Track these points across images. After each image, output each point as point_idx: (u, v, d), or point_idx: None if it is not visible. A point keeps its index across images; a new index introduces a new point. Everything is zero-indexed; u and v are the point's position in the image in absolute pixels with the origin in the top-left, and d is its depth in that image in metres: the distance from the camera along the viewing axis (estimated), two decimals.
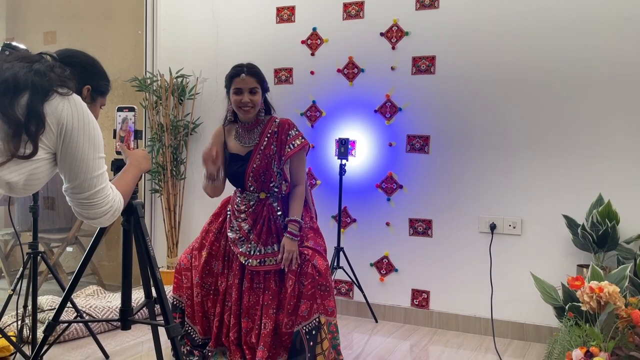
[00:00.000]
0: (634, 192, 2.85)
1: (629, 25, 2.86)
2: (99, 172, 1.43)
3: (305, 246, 2.45)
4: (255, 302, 2.43)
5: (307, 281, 2.37)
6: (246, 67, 2.42)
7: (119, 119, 1.87)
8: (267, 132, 2.47)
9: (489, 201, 3.16)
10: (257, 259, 2.42)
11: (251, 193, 2.49)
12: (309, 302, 2.36)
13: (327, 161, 3.54)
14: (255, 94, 2.42)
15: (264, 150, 2.45)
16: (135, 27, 4.17)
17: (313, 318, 2.36)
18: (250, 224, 2.46)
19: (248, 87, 2.39)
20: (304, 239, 2.48)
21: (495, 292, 3.11)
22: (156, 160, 3.88)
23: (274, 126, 2.48)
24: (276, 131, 2.47)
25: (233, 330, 2.44)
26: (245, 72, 2.39)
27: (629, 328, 1.99)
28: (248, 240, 2.45)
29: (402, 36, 3.34)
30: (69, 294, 1.97)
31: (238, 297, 2.45)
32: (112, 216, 1.50)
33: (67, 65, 1.48)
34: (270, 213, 2.47)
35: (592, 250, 2.78)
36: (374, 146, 3.43)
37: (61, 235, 3.96)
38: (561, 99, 3.00)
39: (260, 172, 2.44)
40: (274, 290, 2.41)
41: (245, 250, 2.44)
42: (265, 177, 2.45)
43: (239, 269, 2.47)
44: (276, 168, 2.45)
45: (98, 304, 3.13)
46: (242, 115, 2.46)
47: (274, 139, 2.46)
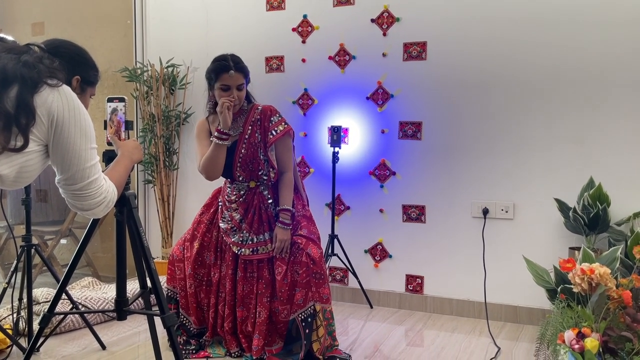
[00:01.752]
0: (624, 174, 2.88)
1: (617, 8, 2.86)
2: (91, 162, 1.43)
3: (299, 235, 2.46)
4: (250, 291, 2.44)
5: (301, 270, 2.38)
6: (232, 61, 2.34)
7: (109, 110, 1.86)
8: (250, 120, 2.45)
9: (481, 186, 3.17)
10: (249, 248, 2.42)
11: (241, 183, 2.48)
12: (304, 290, 2.38)
13: (320, 149, 3.54)
14: (241, 90, 2.39)
15: (249, 139, 2.44)
16: (124, 17, 4.13)
17: (308, 306, 2.38)
18: (241, 213, 2.46)
19: (236, 84, 2.34)
20: (297, 227, 2.49)
21: (489, 276, 3.14)
22: (148, 151, 3.87)
23: (256, 114, 2.46)
24: (259, 118, 2.45)
25: (227, 320, 2.46)
26: (233, 69, 2.32)
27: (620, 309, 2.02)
28: (240, 229, 2.45)
29: (393, 22, 3.33)
30: (64, 285, 1.98)
31: (232, 288, 2.46)
32: (105, 207, 1.50)
33: (55, 55, 1.47)
34: (261, 202, 2.47)
35: (583, 233, 2.81)
36: (367, 133, 3.43)
37: (55, 228, 3.95)
38: (551, 84, 3.01)
39: (247, 161, 2.43)
40: (267, 278, 2.42)
41: (237, 240, 2.44)
42: (253, 165, 2.44)
43: (232, 259, 2.47)
44: (262, 156, 2.44)
45: (93, 295, 3.14)
46: (228, 111, 2.38)
47: (257, 126, 2.44)
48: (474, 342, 2.82)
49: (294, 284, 2.39)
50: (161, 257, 3.93)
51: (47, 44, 1.54)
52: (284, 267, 2.39)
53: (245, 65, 2.42)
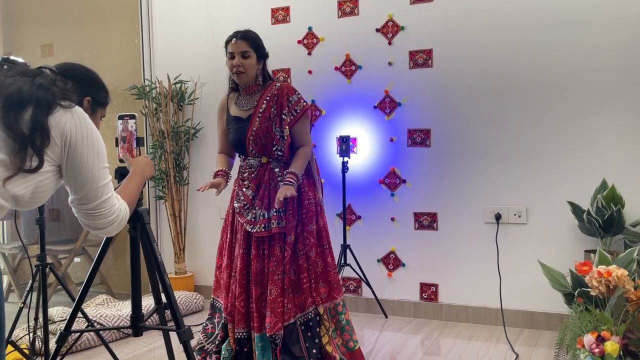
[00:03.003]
0: (638, 175, 2.85)
1: (622, 10, 2.85)
2: (104, 182, 1.45)
3: (310, 230, 2.48)
4: (262, 269, 2.44)
5: (303, 274, 2.43)
6: (241, 32, 2.47)
7: (120, 127, 1.88)
8: (266, 95, 2.49)
9: (493, 191, 3.16)
10: (262, 224, 2.42)
11: (253, 158, 2.50)
12: (304, 295, 2.42)
13: (329, 159, 3.54)
14: (247, 57, 2.43)
15: (264, 112, 2.46)
16: (132, 36, 4.18)
17: (308, 310, 2.42)
18: (253, 189, 2.48)
19: (239, 50, 2.43)
20: (307, 220, 2.49)
21: (504, 282, 3.11)
22: (159, 167, 3.89)
23: (274, 89, 2.49)
24: (276, 94, 2.48)
25: (240, 299, 2.46)
26: (237, 37, 2.44)
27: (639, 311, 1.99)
28: (252, 206, 2.46)
29: (398, 31, 3.34)
30: (79, 303, 1.98)
31: (243, 267, 2.46)
32: (118, 225, 1.51)
33: (67, 78, 1.50)
34: (271, 178, 2.46)
35: (598, 235, 2.78)
36: (375, 142, 3.43)
37: (68, 247, 3.97)
38: (560, 86, 2.99)
39: (261, 135, 2.44)
40: (278, 256, 2.42)
41: (250, 218, 2.45)
42: (266, 140, 2.45)
43: (244, 238, 2.47)
44: (278, 132, 2.46)
45: (108, 312, 3.14)
46: (236, 79, 2.49)
47: (274, 101, 2.47)
48: (491, 349, 2.79)
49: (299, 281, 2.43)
50: (174, 272, 3.94)
51: (58, 67, 1.57)
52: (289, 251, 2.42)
53: (255, 36, 2.48)
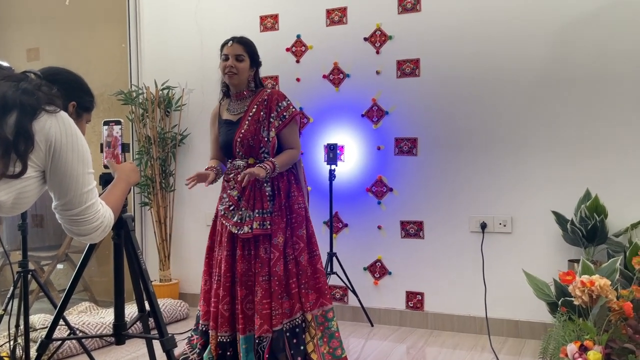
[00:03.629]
0: (620, 185, 2.89)
1: (611, 21, 2.90)
2: (88, 187, 1.43)
3: (299, 235, 2.49)
4: (248, 269, 2.43)
5: (292, 279, 2.43)
6: (237, 37, 2.55)
7: (105, 133, 1.86)
8: (256, 100, 2.54)
9: (478, 200, 3.18)
10: (248, 225, 2.42)
11: (240, 159, 2.51)
12: (292, 301, 2.41)
13: (316, 167, 3.54)
14: (241, 61, 2.50)
15: (253, 116, 2.50)
16: (119, 41, 4.16)
17: (296, 317, 2.42)
18: (239, 189, 2.47)
19: (234, 53, 2.50)
20: (296, 225, 2.49)
21: (489, 291, 3.13)
22: (145, 173, 3.87)
23: (264, 95, 2.54)
24: (266, 99, 2.53)
25: (223, 302, 2.44)
26: (233, 41, 2.52)
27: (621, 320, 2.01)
28: (238, 207, 2.46)
29: (386, 40, 3.36)
30: (61, 311, 1.96)
31: (228, 269, 2.45)
32: (102, 232, 1.50)
33: (52, 82, 1.48)
34: (257, 179, 2.45)
35: (582, 245, 2.81)
36: (363, 150, 3.44)
37: (51, 253, 3.92)
38: (546, 98, 3.03)
39: (248, 136, 2.47)
40: (262, 258, 2.42)
41: (237, 219, 2.44)
42: (254, 141, 2.47)
43: (228, 240, 2.47)
44: (266, 134, 2.48)
45: (91, 320, 3.10)
46: (228, 81, 2.54)
47: (263, 106, 2.52)
48: (476, 358, 2.80)
49: (287, 286, 2.42)
50: (159, 279, 3.90)
51: (43, 72, 1.56)
52: (276, 254, 2.41)
53: (250, 42, 2.56)
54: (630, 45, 2.86)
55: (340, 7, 3.47)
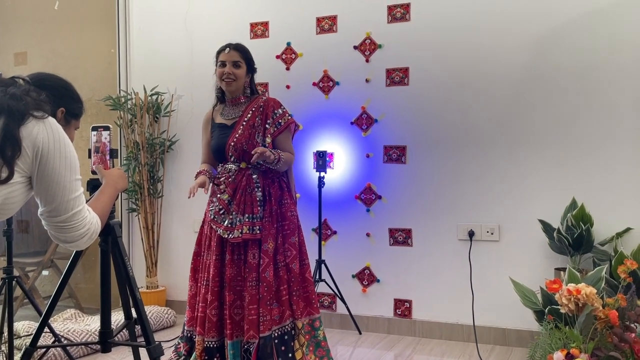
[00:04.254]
0: (606, 195, 2.92)
1: (597, 32, 2.94)
2: (75, 194, 1.42)
3: (292, 242, 2.49)
4: (237, 274, 2.42)
5: (282, 286, 2.42)
6: (233, 44, 2.56)
7: (94, 139, 1.85)
8: (252, 106, 2.55)
9: (466, 208, 3.20)
10: (238, 229, 2.41)
11: (232, 163, 2.50)
12: (282, 308, 2.41)
13: (305, 174, 3.55)
14: (238, 67, 2.52)
15: (248, 121, 2.51)
16: (108, 46, 4.14)
17: (285, 324, 2.42)
18: (230, 193, 2.46)
19: (231, 60, 2.51)
20: (289, 232, 2.50)
21: (476, 299, 3.14)
22: (132, 179, 3.84)
23: (260, 102, 2.56)
24: (262, 106, 2.54)
25: (211, 306, 2.42)
26: (230, 47, 2.53)
27: (607, 328, 2.03)
28: (229, 212, 2.44)
29: (375, 49, 3.39)
30: (46, 318, 1.93)
31: (216, 273, 2.43)
32: (89, 239, 1.48)
33: (40, 88, 1.47)
34: (248, 184, 2.46)
35: (568, 254, 2.84)
36: (352, 158, 3.45)
37: (36, 259, 3.87)
38: (532, 106, 3.07)
39: (243, 141, 2.47)
40: (250, 263, 2.40)
41: (227, 224, 2.43)
42: (248, 146, 2.47)
43: (217, 244, 2.45)
44: (261, 140, 2.49)
45: (76, 327, 3.07)
46: (224, 87, 2.54)
47: (259, 112, 2.53)
48: None
49: (277, 292, 2.42)
50: (146, 286, 3.87)
51: (32, 77, 1.55)
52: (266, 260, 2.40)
53: (246, 49, 2.57)
54: (617, 55, 2.90)
55: (330, 15, 3.49)
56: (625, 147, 2.90)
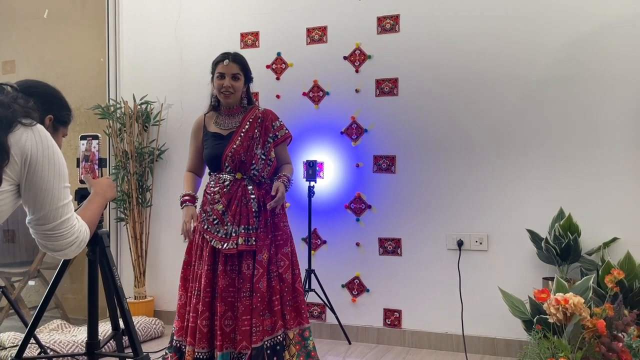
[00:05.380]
0: (593, 205, 2.95)
1: (589, 38, 2.99)
2: (64, 202, 1.41)
3: (285, 253, 2.50)
4: (230, 284, 2.40)
5: (275, 296, 2.41)
6: (232, 54, 2.51)
7: (83, 147, 1.84)
8: (249, 117, 2.53)
9: (455, 218, 3.21)
10: (234, 240, 2.39)
11: (227, 173, 2.48)
12: (274, 318, 2.40)
13: (295, 184, 3.54)
14: (237, 80, 2.49)
15: (247, 132, 2.49)
16: (97, 55, 4.13)
17: (277, 334, 2.41)
18: (224, 204, 2.44)
19: (230, 72, 2.47)
20: (282, 242, 2.50)
21: (466, 308, 3.15)
22: (121, 188, 3.82)
23: (257, 112, 2.54)
24: (260, 117, 2.53)
25: (202, 317, 2.40)
26: (229, 59, 2.48)
27: (595, 338, 2.05)
28: (223, 223, 2.42)
29: (365, 59, 3.41)
30: (32, 329, 1.91)
31: (208, 284, 2.41)
32: (77, 247, 1.47)
33: (28, 95, 1.47)
34: (244, 195, 2.45)
35: (556, 263, 2.85)
36: (342, 167, 3.46)
37: (22, 269, 3.82)
38: (521, 117, 3.10)
39: (241, 152, 2.46)
40: (245, 274, 2.39)
41: (222, 234, 2.41)
42: (246, 157, 2.46)
43: (209, 255, 2.43)
44: (260, 152, 2.48)
45: (63, 338, 3.03)
46: (222, 99, 2.52)
47: (258, 123, 2.52)
48: None
49: (270, 303, 2.41)
50: (134, 297, 3.83)
51: (20, 84, 1.54)
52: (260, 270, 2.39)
53: (245, 60, 2.54)
54: (606, 65, 2.95)
55: (320, 26, 3.51)
56: (612, 157, 2.93)
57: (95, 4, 4.12)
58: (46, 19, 4.34)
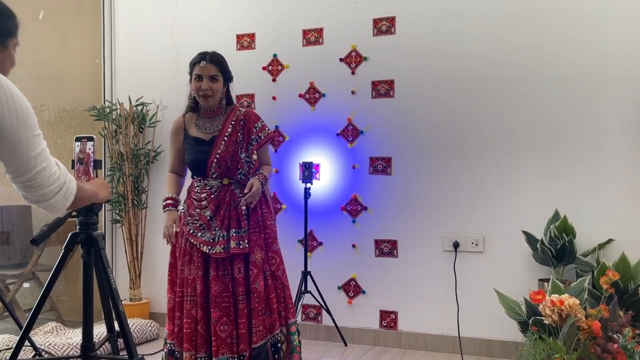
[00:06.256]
0: (588, 206, 2.96)
1: (586, 40, 3.00)
2: (35, 151, 1.32)
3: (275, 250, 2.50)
4: (223, 289, 2.37)
5: (271, 294, 2.42)
6: (209, 54, 2.44)
7: (77, 149, 1.83)
8: (231, 119, 2.47)
9: (451, 220, 3.22)
10: (221, 245, 2.37)
11: (213, 179, 2.46)
12: (274, 316, 2.41)
13: (291, 185, 3.54)
14: (215, 81, 2.42)
15: (230, 136, 2.44)
16: (93, 56, 4.12)
17: (277, 332, 2.42)
18: (212, 210, 2.41)
19: (208, 74, 2.40)
20: (271, 240, 2.49)
21: (462, 310, 3.15)
22: (117, 190, 3.81)
23: (239, 114, 2.49)
24: (242, 119, 2.47)
25: (201, 322, 2.38)
26: (206, 60, 2.41)
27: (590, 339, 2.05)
28: (210, 227, 2.40)
29: (361, 61, 3.41)
30: (27, 331, 1.90)
31: (203, 289, 2.39)
32: (64, 198, 1.39)
33: None
34: (232, 199, 2.43)
35: (551, 265, 2.86)
36: (338, 169, 3.46)
37: (17, 271, 3.80)
38: (517, 118, 3.11)
39: (226, 158, 2.42)
40: (237, 278, 2.37)
41: (208, 238, 2.39)
42: (232, 163, 2.43)
43: (201, 260, 2.41)
44: (244, 156, 2.45)
45: (57, 341, 3.01)
46: (201, 102, 2.46)
47: (240, 126, 2.46)
48: None
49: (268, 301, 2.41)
50: (129, 299, 3.82)
51: None
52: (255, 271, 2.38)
53: (223, 59, 2.47)
54: (602, 67, 2.96)
55: (316, 27, 3.51)
56: (607, 159, 2.94)
57: (91, 5, 4.11)
58: (41, 20, 4.32)
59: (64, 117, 4.07)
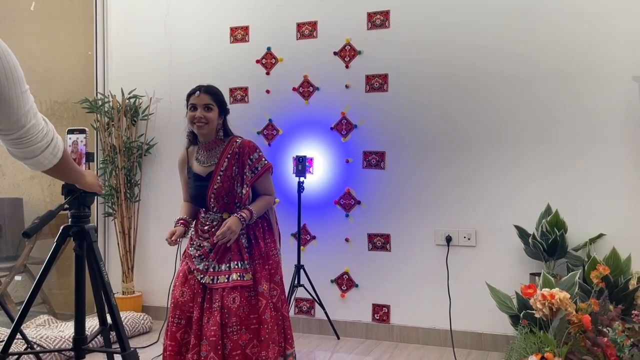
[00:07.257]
0: (579, 201, 2.98)
1: (580, 36, 3.01)
2: (25, 108, 1.29)
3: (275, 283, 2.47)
4: (213, 323, 2.34)
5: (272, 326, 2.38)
6: (204, 86, 2.45)
7: (69, 142, 1.82)
8: (227, 153, 2.46)
9: (444, 214, 3.23)
10: (210, 275, 2.38)
11: (214, 213, 2.47)
12: (276, 347, 2.38)
13: (285, 179, 3.54)
14: (209, 110, 2.42)
15: (225, 171, 2.43)
16: (85, 48, 4.09)
17: None
18: (211, 242, 2.42)
19: (202, 103, 2.41)
20: (273, 271, 2.47)
21: (453, 304, 3.17)
22: (109, 183, 3.79)
23: (234, 147, 2.47)
24: (237, 152, 2.46)
25: (193, 351, 2.36)
26: (201, 90, 2.43)
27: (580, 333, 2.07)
28: (207, 258, 2.42)
29: (355, 55, 3.41)
30: (19, 324, 1.89)
31: (199, 316, 2.38)
32: (51, 154, 1.38)
33: None
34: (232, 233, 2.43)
35: (543, 259, 2.88)
36: (331, 163, 3.46)
37: (9, 264, 3.79)
38: (510, 113, 3.12)
39: (223, 193, 2.42)
40: (230, 308, 2.36)
41: (202, 267, 2.40)
42: (229, 198, 2.43)
43: (200, 287, 2.41)
44: (239, 190, 2.44)
45: (49, 334, 3.01)
46: (197, 131, 2.45)
47: (235, 159, 2.45)
48: None
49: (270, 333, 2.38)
50: (121, 292, 3.81)
51: None
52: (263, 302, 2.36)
53: (218, 91, 2.47)
54: (596, 62, 2.97)
55: (310, 21, 3.50)
56: (599, 154, 2.96)
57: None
58: (33, 12, 4.28)
59: (56, 110, 4.04)
